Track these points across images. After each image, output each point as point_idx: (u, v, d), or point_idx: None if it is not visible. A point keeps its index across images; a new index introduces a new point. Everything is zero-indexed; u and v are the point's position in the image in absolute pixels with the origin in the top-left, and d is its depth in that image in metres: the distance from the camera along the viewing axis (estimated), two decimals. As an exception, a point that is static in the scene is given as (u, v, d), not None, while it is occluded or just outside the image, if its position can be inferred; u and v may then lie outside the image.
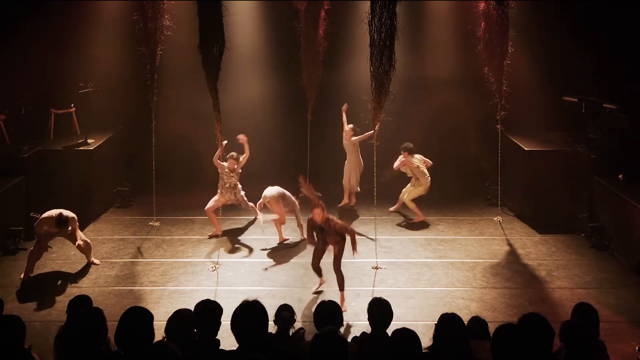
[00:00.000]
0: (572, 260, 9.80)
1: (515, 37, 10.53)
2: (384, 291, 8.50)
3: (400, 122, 12.16)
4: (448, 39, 12.92)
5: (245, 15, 12.77)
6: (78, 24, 12.29)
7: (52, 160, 11.31)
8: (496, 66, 10.60)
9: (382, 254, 9.91)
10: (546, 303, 8.45)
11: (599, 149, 10.80)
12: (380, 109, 8.99)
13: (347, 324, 7.74)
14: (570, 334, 4.63)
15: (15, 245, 10.10)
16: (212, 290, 8.72)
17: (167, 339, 4.73)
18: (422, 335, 4.25)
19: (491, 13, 10.40)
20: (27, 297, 8.61)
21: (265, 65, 13.20)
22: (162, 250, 10.21)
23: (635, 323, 7.94)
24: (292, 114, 12.96)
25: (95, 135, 11.97)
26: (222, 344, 4.43)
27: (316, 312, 4.94)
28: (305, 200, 12.27)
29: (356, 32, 9.81)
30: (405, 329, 4.21)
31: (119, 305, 8.16)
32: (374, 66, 8.76)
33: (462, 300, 8.53)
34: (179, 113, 13.10)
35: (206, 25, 8.95)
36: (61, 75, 12.16)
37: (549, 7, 11.87)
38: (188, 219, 11.50)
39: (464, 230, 10.99)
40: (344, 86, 12.65)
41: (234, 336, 4.12)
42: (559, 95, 11.75)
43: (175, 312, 4.86)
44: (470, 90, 12.73)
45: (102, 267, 9.56)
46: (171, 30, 10.41)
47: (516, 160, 11.66)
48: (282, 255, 9.92)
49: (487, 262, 9.71)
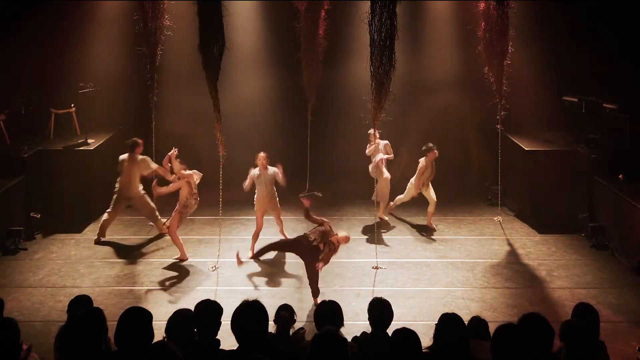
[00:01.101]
0: (572, 260, 9.80)
1: (515, 37, 10.53)
2: (384, 291, 8.49)
3: (400, 122, 12.17)
4: (448, 39, 12.92)
5: (245, 15, 12.77)
6: (78, 24, 12.30)
7: (52, 160, 11.31)
8: (496, 66, 10.60)
9: (382, 254, 9.91)
10: (546, 303, 8.45)
11: (599, 149, 10.80)
12: (380, 109, 8.99)
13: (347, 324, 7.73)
14: (570, 334, 4.63)
15: (16, 245, 10.09)
16: (212, 290, 8.72)
17: (167, 339, 4.72)
18: (422, 335, 4.25)
19: (491, 13, 10.40)
20: (27, 297, 8.61)
21: (265, 65, 13.20)
22: (162, 250, 10.21)
23: (635, 323, 7.94)
24: (292, 114, 12.97)
25: (95, 135, 11.98)
26: (222, 344, 4.43)
27: (316, 312, 4.94)
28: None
29: (356, 32, 9.81)
30: (405, 329, 4.21)
31: (119, 305, 8.16)
32: (374, 66, 8.75)
33: (462, 300, 8.53)
34: (179, 113, 13.09)
35: (206, 25, 8.95)
36: (61, 75, 12.16)
37: (549, 7, 11.87)
38: (188, 219, 11.44)
39: (464, 230, 11.00)
40: (344, 86, 12.65)
41: (234, 336, 4.12)
42: (559, 95, 11.75)
43: (175, 312, 4.86)
44: (470, 90, 12.74)
45: (102, 267, 9.56)
46: (171, 30, 10.41)
47: (516, 160, 11.66)
48: (282, 255, 9.92)
49: (487, 262, 9.71)
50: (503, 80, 10.64)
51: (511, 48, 10.48)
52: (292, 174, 12.71)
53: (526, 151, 11.34)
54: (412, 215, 11.64)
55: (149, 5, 10.17)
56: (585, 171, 10.86)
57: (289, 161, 12.87)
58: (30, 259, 9.83)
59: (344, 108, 12.58)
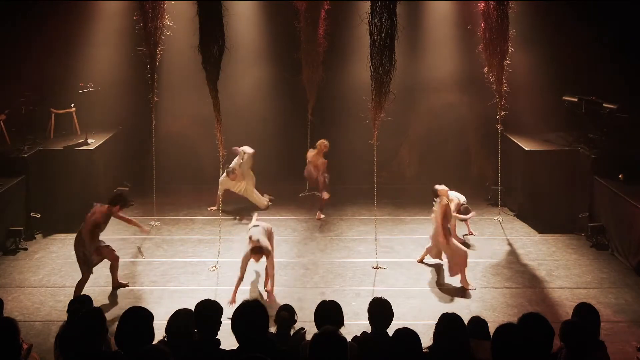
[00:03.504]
0: (572, 260, 9.80)
1: (515, 37, 10.53)
2: (384, 291, 8.48)
3: (400, 122, 12.17)
4: (448, 39, 12.92)
5: (245, 15, 12.77)
6: (78, 24, 12.29)
7: (52, 160, 11.31)
8: (496, 66, 10.60)
9: (382, 254, 9.91)
10: (546, 303, 8.45)
11: (599, 149, 10.80)
12: (380, 108, 8.99)
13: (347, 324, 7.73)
14: (570, 334, 4.63)
15: (16, 245, 10.10)
16: (212, 290, 8.71)
17: (167, 338, 4.73)
18: (422, 335, 4.25)
19: (491, 13, 10.39)
20: (27, 297, 8.61)
21: (265, 65, 13.20)
22: (162, 250, 10.21)
23: (635, 323, 7.94)
24: (292, 114, 12.97)
25: (95, 135, 11.98)
26: (222, 344, 4.43)
27: (316, 312, 4.94)
28: (306, 200, 12.35)
29: (356, 32, 9.81)
30: (405, 328, 4.21)
31: (119, 306, 8.17)
32: (374, 66, 8.76)
33: (462, 300, 8.53)
34: (179, 113, 13.11)
35: (206, 25, 8.95)
36: (61, 75, 12.16)
37: (549, 7, 11.87)
38: (188, 219, 11.50)
39: (464, 230, 10.99)
40: (344, 86, 12.64)
41: (234, 336, 4.12)
42: (559, 95, 11.75)
43: (175, 312, 4.86)
44: (470, 90, 12.73)
45: (102, 267, 9.54)
46: (171, 30, 10.41)
47: (516, 160, 11.66)
48: (282, 255, 9.91)
49: (487, 262, 9.71)
50: (503, 80, 10.64)
51: (511, 48, 10.48)
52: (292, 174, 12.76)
53: (526, 151, 11.34)
54: (412, 215, 11.64)
55: (149, 5, 10.17)
56: (585, 171, 10.86)
57: (289, 161, 12.93)
58: (30, 259, 9.83)
59: (344, 108, 12.59)
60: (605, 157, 10.64)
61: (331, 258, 9.90)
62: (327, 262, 9.75)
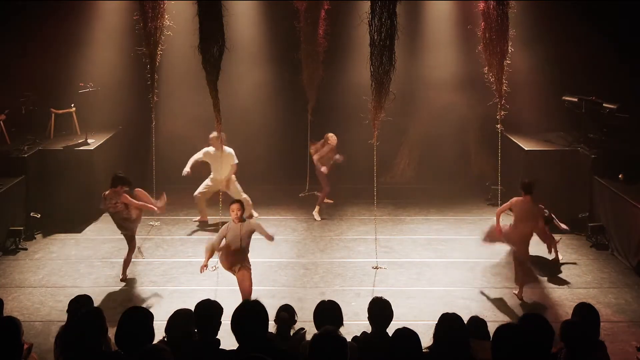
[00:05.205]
0: (572, 260, 9.79)
1: (515, 37, 10.53)
2: (384, 291, 8.47)
3: (400, 122, 12.16)
4: (448, 39, 12.91)
5: (245, 15, 12.76)
6: (78, 23, 12.29)
7: (52, 160, 11.30)
8: (496, 66, 10.59)
9: (382, 254, 9.90)
10: (546, 303, 8.45)
11: (599, 148, 10.80)
12: (380, 108, 8.99)
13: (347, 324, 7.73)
14: (570, 334, 4.63)
15: (16, 245, 10.10)
16: (212, 290, 8.71)
17: (167, 339, 4.73)
18: (422, 335, 4.25)
19: (491, 13, 10.38)
20: (27, 297, 8.61)
21: (265, 65, 13.18)
22: (162, 250, 10.21)
23: (635, 323, 7.94)
24: (292, 114, 12.96)
25: (95, 135, 11.97)
26: (222, 344, 4.43)
27: (315, 312, 4.94)
28: (306, 200, 12.34)
29: (356, 32, 9.80)
30: (405, 328, 4.21)
31: (119, 306, 8.16)
32: (374, 66, 8.75)
33: (462, 300, 8.53)
34: (179, 113, 13.09)
35: (206, 25, 8.95)
36: (61, 75, 12.16)
37: (549, 7, 11.87)
38: (188, 219, 11.50)
39: (464, 230, 10.99)
40: (344, 86, 12.64)
41: (234, 336, 4.12)
42: (559, 95, 11.75)
43: (175, 312, 4.86)
44: (470, 90, 12.72)
45: (102, 267, 9.57)
46: (171, 30, 10.40)
47: (516, 160, 11.65)
48: (282, 255, 9.92)
49: (487, 262, 9.70)
50: (503, 80, 10.63)
51: (511, 48, 10.46)
52: (292, 174, 12.77)
53: (526, 151, 11.34)
54: (412, 215, 11.63)
55: (149, 5, 10.15)
56: (585, 171, 10.85)
57: (289, 161, 12.92)
58: (30, 259, 9.83)
59: (344, 108, 12.57)
60: (605, 157, 10.64)
61: (331, 258, 9.90)
62: (327, 262, 9.75)
